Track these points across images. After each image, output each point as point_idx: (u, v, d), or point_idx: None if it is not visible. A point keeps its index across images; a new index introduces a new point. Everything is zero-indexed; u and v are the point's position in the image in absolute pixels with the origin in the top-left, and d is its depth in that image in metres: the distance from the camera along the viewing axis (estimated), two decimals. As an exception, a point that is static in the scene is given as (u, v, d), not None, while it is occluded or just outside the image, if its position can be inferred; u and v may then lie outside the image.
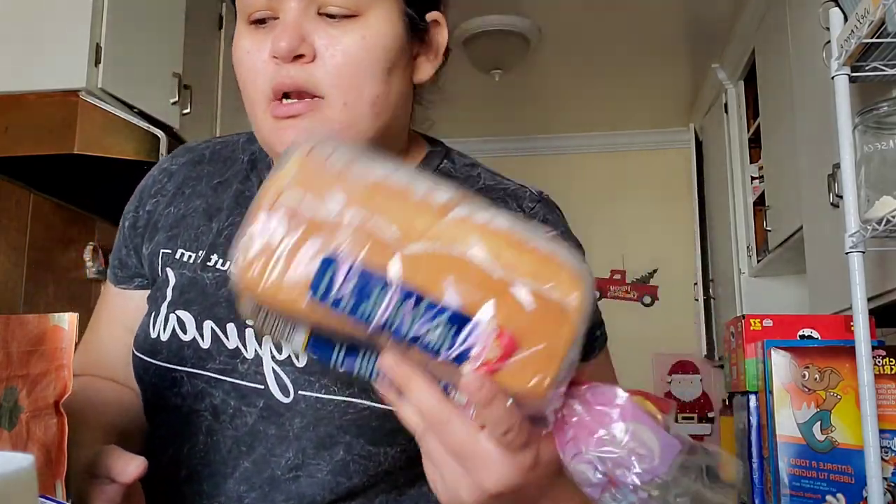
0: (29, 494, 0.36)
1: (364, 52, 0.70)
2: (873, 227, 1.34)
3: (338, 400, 0.71)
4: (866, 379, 1.34)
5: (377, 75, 0.71)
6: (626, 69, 3.55)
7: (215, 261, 0.78)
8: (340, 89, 0.69)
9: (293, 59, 0.69)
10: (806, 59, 2.25)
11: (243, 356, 0.74)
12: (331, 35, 0.69)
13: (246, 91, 0.73)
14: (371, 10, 0.70)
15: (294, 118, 0.70)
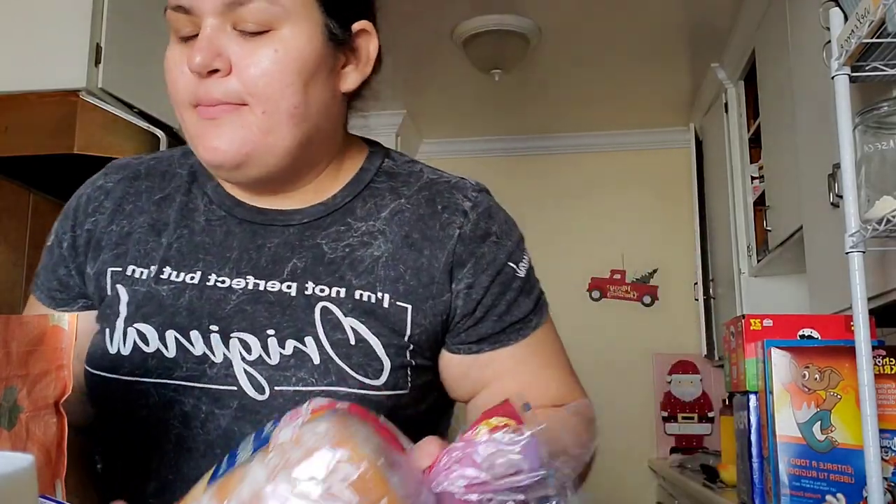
0: (28, 494, 0.36)
1: (276, 66, 0.73)
2: (873, 227, 1.34)
3: (318, 390, 0.72)
4: (866, 379, 1.34)
5: (293, 86, 0.74)
6: (626, 69, 3.55)
7: (169, 273, 0.79)
8: (257, 98, 0.73)
9: (208, 74, 0.72)
10: (806, 58, 2.25)
11: (211, 360, 0.74)
12: (245, 49, 0.73)
13: (172, 99, 0.76)
14: (285, 24, 0.73)
15: (216, 119, 0.73)
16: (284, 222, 0.81)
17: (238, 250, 0.79)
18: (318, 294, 0.76)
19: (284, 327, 0.75)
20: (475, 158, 4.50)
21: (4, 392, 0.52)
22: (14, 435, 0.52)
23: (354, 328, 0.75)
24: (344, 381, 0.73)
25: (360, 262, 0.78)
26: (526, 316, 0.83)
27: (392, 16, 2.60)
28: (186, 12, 0.73)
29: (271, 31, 0.73)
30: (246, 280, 0.77)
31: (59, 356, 0.58)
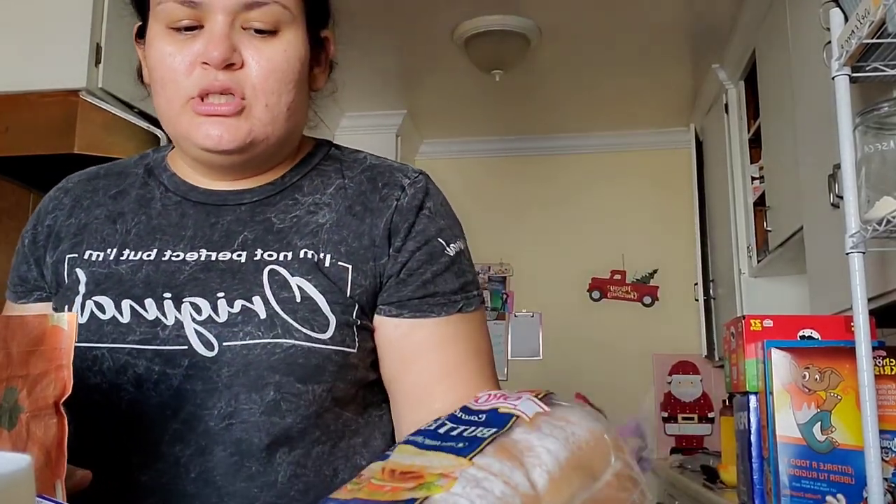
0: (26, 494, 0.36)
1: (285, 64, 0.80)
2: (874, 228, 1.34)
3: (264, 342, 0.76)
4: (866, 379, 1.34)
5: (292, 83, 0.81)
6: (627, 69, 3.55)
7: (127, 254, 0.83)
8: (264, 93, 0.79)
9: (225, 67, 0.77)
10: (806, 59, 2.25)
11: (163, 324, 0.78)
12: (256, 47, 0.79)
13: (165, 90, 0.79)
14: (287, 28, 0.80)
15: (219, 116, 0.78)
16: (236, 201, 0.85)
17: (193, 228, 0.84)
18: (267, 259, 0.81)
19: (234, 289, 0.79)
20: (475, 158, 4.50)
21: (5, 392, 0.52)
22: (14, 435, 0.52)
23: (301, 286, 0.79)
24: (290, 334, 0.77)
25: (305, 226, 0.83)
26: (451, 293, 0.85)
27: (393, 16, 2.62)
28: (193, 6, 0.77)
29: (279, 33, 0.79)
30: (199, 253, 0.82)
31: (58, 356, 0.58)
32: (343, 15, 0.93)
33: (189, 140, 0.80)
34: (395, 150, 4.02)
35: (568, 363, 4.23)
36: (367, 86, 3.74)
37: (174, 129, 0.81)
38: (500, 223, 4.41)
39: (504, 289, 4.39)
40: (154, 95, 0.83)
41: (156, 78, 0.80)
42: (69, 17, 1.93)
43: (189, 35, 0.78)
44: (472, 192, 4.45)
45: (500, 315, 4.37)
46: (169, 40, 0.79)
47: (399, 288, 0.83)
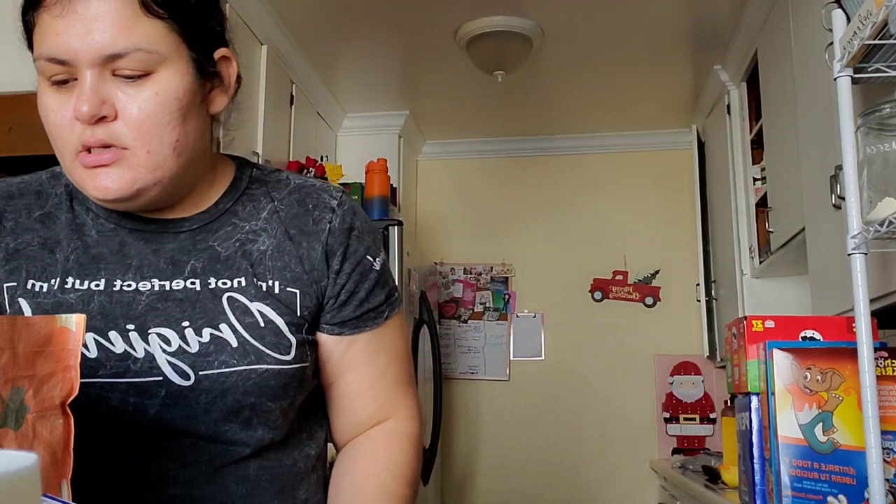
0: (31, 493, 0.36)
1: (159, 107, 0.78)
2: (875, 229, 1.34)
3: (239, 369, 0.81)
4: (868, 380, 1.34)
5: (173, 122, 0.80)
6: (629, 70, 3.55)
7: (72, 282, 0.83)
8: (142, 140, 0.78)
9: (97, 122, 0.77)
10: (808, 60, 2.25)
11: (134, 357, 0.80)
12: (127, 94, 0.78)
13: (55, 143, 0.80)
14: (162, 67, 0.79)
15: (104, 166, 0.78)
16: (175, 230, 0.87)
17: (137, 257, 0.85)
18: (222, 286, 0.84)
19: (198, 318, 0.82)
20: (477, 159, 4.50)
21: (11, 392, 0.52)
22: (21, 435, 0.52)
23: (261, 311, 0.84)
24: (262, 360, 0.82)
25: (250, 255, 0.87)
26: (380, 306, 0.93)
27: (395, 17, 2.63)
28: (62, 64, 0.77)
29: (151, 75, 0.78)
30: (151, 283, 0.84)
31: (66, 357, 0.58)
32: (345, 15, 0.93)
33: (86, 191, 0.81)
34: (397, 150, 4.03)
35: (570, 364, 4.23)
36: (369, 87, 3.75)
37: (72, 179, 0.82)
38: (502, 224, 4.42)
39: (506, 289, 4.39)
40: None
41: (48, 129, 0.81)
42: (72, 18, 1.93)
43: (67, 88, 0.78)
44: (474, 193, 4.46)
45: (503, 315, 4.37)
46: (51, 94, 0.80)
47: (340, 309, 0.90)
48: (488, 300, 4.38)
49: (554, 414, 4.19)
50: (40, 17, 0.79)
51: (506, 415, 4.26)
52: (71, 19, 0.76)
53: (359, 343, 0.92)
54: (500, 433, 4.26)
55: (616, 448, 4.13)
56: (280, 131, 3.21)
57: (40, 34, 0.79)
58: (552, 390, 4.21)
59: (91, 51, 0.76)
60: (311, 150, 3.49)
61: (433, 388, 3.49)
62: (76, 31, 0.76)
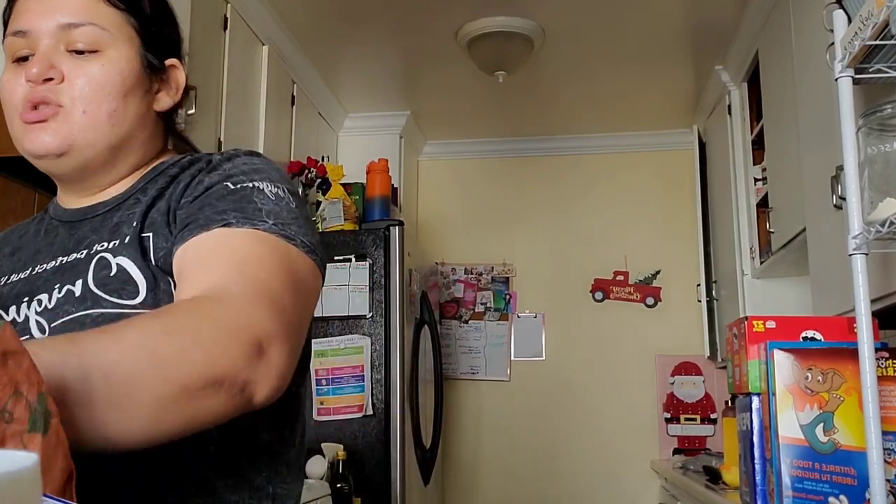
0: (32, 493, 0.36)
1: (102, 77, 0.88)
2: (876, 229, 1.34)
3: (76, 315, 0.84)
4: (869, 381, 1.34)
5: (113, 94, 0.88)
6: (630, 71, 3.55)
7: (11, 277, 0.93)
8: (80, 100, 0.87)
9: (43, 82, 0.86)
10: (809, 60, 2.25)
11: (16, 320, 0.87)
12: (77, 64, 0.88)
13: (7, 112, 0.89)
14: (110, 48, 0.89)
15: (42, 122, 0.87)
16: (93, 213, 0.95)
17: (59, 244, 0.94)
18: (99, 249, 0.89)
19: (66, 280, 0.88)
20: (478, 159, 4.50)
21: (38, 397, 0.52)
22: (47, 441, 0.52)
23: (120, 263, 0.87)
24: (98, 304, 0.84)
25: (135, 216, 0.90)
26: (225, 211, 0.82)
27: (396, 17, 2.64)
28: (24, 35, 0.87)
29: (99, 52, 0.88)
30: (56, 260, 0.91)
31: None
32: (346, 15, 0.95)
33: (24, 150, 0.89)
34: (398, 150, 4.03)
35: (571, 364, 4.23)
36: (370, 87, 3.75)
37: (18, 145, 0.89)
38: (503, 224, 4.42)
39: (507, 289, 4.39)
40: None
41: (3, 104, 0.90)
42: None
43: (24, 65, 0.88)
44: (475, 193, 4.46)
45: (504, 315, 4.37)
46: (10, 71, 0.89)
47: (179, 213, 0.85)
48: (489, 300, 4.38)
49: (555, 414, 4.19)
50: (17, 3, 0.90)
51: (507, 415, 4.26)
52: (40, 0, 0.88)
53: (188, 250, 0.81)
54: (501, 433, 4.26)
55: (617, 448, 4.13)
56: (281, 131, 3.21)
57: (14, 14, 0.90)
58: (553, 390, 4.21)
59: (48, 20, 0.86)
60: (312, 150, 3.49)
61: (434, 388, 3.49)
62: (41, 7, 0.87)
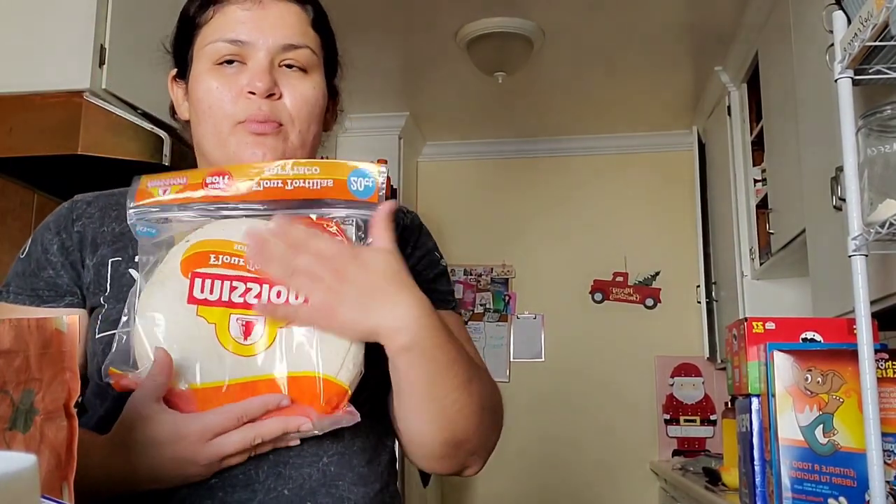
0: (30, 494, 0.36)
1: (314, 99, 0.93)
2: (876, 231, 1.34)
3: None
4: (869, 382, 1.34)
5: (317, 117, 0.95)
6: (629, 71, 3.55)
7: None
8: (298, 121, 0.92)
9: (267, 97, 0.89)
10: (809, 61, 2.25)
11: None
12: (292, 83, 0.92)
13: (213, 117, 0.91)
14: (314, 71, 0.94)
15: (262, 136, 0.90)
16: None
17: None
18: None
19: None
20: (478, 161, 4.50)
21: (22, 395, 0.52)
22: (29, 438, 0.52)
23: None
24: None
25: None
26: (447, 294, 1.00)
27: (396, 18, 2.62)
28: (240, 45, 0.90)
29: (307, 72, 0.93)
30: None
31: (64, 359, 0.58)
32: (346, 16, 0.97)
33: (235, 160, 0.90)
34: (397, 152, 4.03)
35: (570, 365, 4.23)
36: (369, 88, 3.75)
37: (222, 150, 0.91)
38: (503, 225, 4.42)
39: (506, 290, 4.39)
40: (197, 125, 0.93)
41: (202, 108, 0.91)
42: (73, 18, 1.93)
43: (232, 71, 0.90)
44: (475, 194, 4.46)
45: (503, 317, 4.37)
46: (215, 75, 0.91)
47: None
48: (488, 301, 4.38)
49: (554, 415, 4.19)
50: (225, 9, 0.92)
51: (506, 416, 4.22)
52: (259, 12, 0.91)
53: None
54: (501, 434, 4.24)
55: (616, 449, 4.13)
56: (280, 132, 3.21)
57: (220, 22, 0.92)
58: (552, 391, 4.21)
59: (271, 37, 0.90)
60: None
61: (433, 389, 3.49)
62: (263, 24, 0.91)
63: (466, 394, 0.83)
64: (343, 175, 0.83)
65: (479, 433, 0.88)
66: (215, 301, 0.77)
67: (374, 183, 0.82)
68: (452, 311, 1.00)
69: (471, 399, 0.84)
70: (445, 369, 0.81)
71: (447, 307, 0.98)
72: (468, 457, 0.90)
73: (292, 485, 0.83)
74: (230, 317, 0.77)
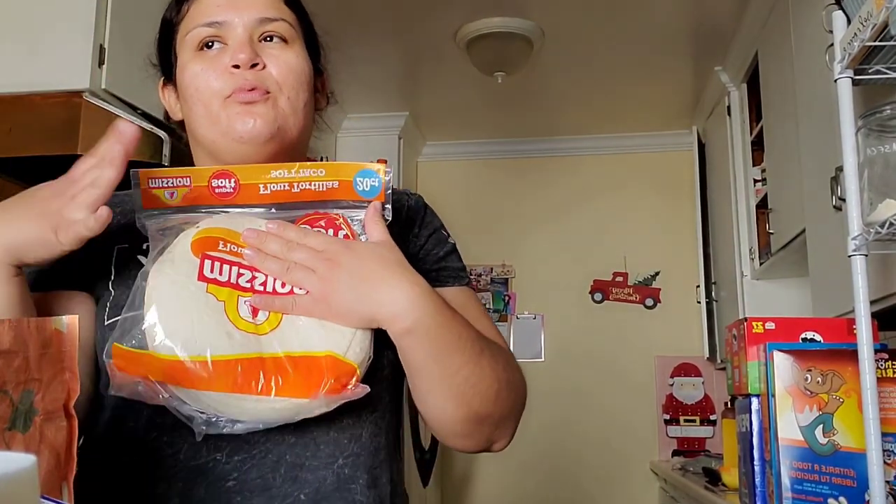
0: (29, 495, 0.36)
1: (298, 67, 0.94)
2: (876, 231, 1.34)
3: None
4: (868, 382, 1.34)
5: (305, 85, 0.94)
6: (629, 71, 3.55)
7: None
8: (285, 87, 0.92)
9: (250, 67, 0.90)
10: (809, 61, 2.25)
11: None
12: (274, 53, 0.93)
13: (201, 98, 0.91)
14: (295, 42, 0.95)
15: (252, 104, 0.90)
16: None
17: None
18: None
19: None
20: (477, 161, 4.50)
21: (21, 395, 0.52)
22: (28, 438, 0.52)
23: None
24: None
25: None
26: (459, 270, 1.02)
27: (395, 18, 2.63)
28: (218, 26, 0.91)
29: (289, 43, 0.94)
30: None
31: (64, 359, 0.58)
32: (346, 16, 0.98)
33: (229, 133, 0.90)
34: (397, 151, 4.03)
35: (570, 365, 4.23)
36: (369, 88, 3.75)
37: (215, 128, 0.91)
38: (502, 225, 4.41)
39: (506, 290, 4.39)
40: (189, 112, 0.94)
41: (190, 93, 0.92)
42: (73, 18, 1.93)
43: (214, 52, 0.92)
44: (475, 194, 4.46)
45: (503, 317, 4.37)
46: (198, 60, 0.92)
47: (420, 263, 0.96)
48: (488, 301, 4.38)
49: (554, 415, 4.19)
50: (198, 1, 0.94)
51: (506, 416, 4.24)
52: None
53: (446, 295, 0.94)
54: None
55: (616, 450, 4.13)
56: (280, 132, 3.20)
57: (195, 12, 0.94)
58: (552, 392, 4.21)
59: (245, 14, 0.92)
60: (310, 151, 3.48)
61: (433, 389, 3.49)
62: (237, 4, 0.92)
63: (478, 369, 0.84)
64: (348, 176, 0.84)
65: (499, 407, 0.88)
66: (224, 282, 0.79)
67: (379, 182, 0.84)
68: (466, 286, 1.02)
69: (483, 374, 0.84)
70: (452, 347, 0.82)
71: (461, 283, 1.01)
72: (493, 431, 0.91)
73: (308, 489, 0.83)
74: (238, 298, 0.79)
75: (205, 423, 0.75)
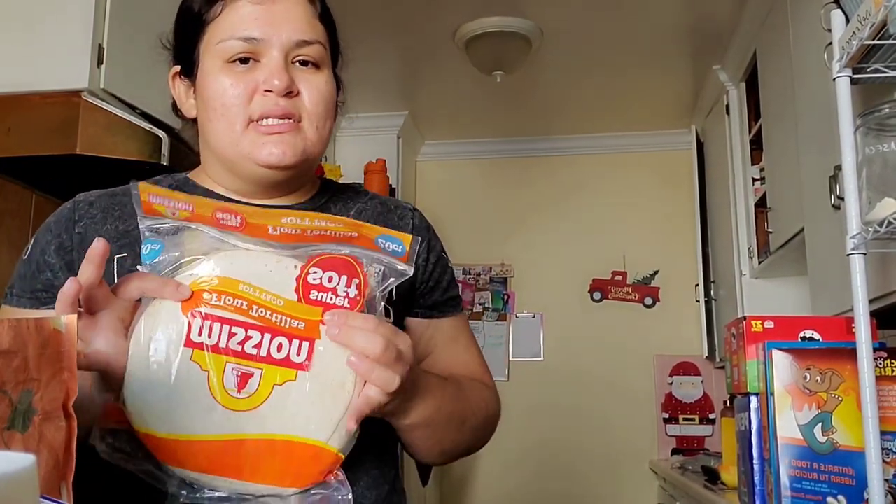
0: (29, 494, 0.36)
1: (329, 94, 0.94)
2: (874, 229, 1.34)
3: None
4: (867, 381, 1.34)
5: (331, 112, 0.94)
6: (628, 71, 3.55)
7: None
8: (315, 117, 0.92)
9: (285, 95, 0.89)
10: (807, 60, 2.25)
11: None
12: (306, 78, 0.92)
13: (226, 116, 0.89)
14: (325, 65, 0.94)
15: (280, 134, 0.89)
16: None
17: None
18: None
19: None
20: (477, 160, 4.50)
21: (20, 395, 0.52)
22: (27, 438, 0.52)
23: None
24: None
25: None
26: (457, 297, 1.07)
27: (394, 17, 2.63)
28: (254, 42, 0.89)
29: (321, 68, 0.93)
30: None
31: (63, 359, 0.58)
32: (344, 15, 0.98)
33: (251, 158, 0.90)
34: (396, 151, 4.03)
35: (569, 364, 4.23)
36: (368, 87, 3.75)
37: (235, 149, 0.90)
38: (502, 224, 4.42)
39: (505, 290, 4.39)
40: (207, 122, 0.91)
41: (215, 107, 0.90)
42: (71, 18, 1.93)
43: (245, 68, 0.89)
44: (474, 194, 4.46)
45: (502, 316, 4.37)
46: (227, 73, 0.90)
47: (429, 294, 1.02)
48: (487, 300, 4.38)
49: (553, 414, 4.19)
50: (235, 3, 0.90)
51: (505, 415, 4.19)
52: (269, 8, 0.90)
53: (443, 327, 1.04)
54: (500, 433, 4.19)
55: (615, 448, 4.13)
56: (279, 132, 3.20)
57: (230, 19, 0.90)
58: (551, 391, 4.21)
59: (284, 33, 0.90)
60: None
61: (432, 388, 3.49)
62: (274, 19, 0.90)
63: (460, 435, 0.96)
64: (370, 234, 0.80)
65: (475, 446, 1.02)
66: (213, 346, 0.74)
67: (403, 250, 0.80)
68: (461, 312, 1.07)
69: (464, 437, 0.97)
70: (442, 427, 0.91)
71: (457, 312, 1.06)
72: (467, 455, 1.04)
73: None
74: (225, 366, 0.74)
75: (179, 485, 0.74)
